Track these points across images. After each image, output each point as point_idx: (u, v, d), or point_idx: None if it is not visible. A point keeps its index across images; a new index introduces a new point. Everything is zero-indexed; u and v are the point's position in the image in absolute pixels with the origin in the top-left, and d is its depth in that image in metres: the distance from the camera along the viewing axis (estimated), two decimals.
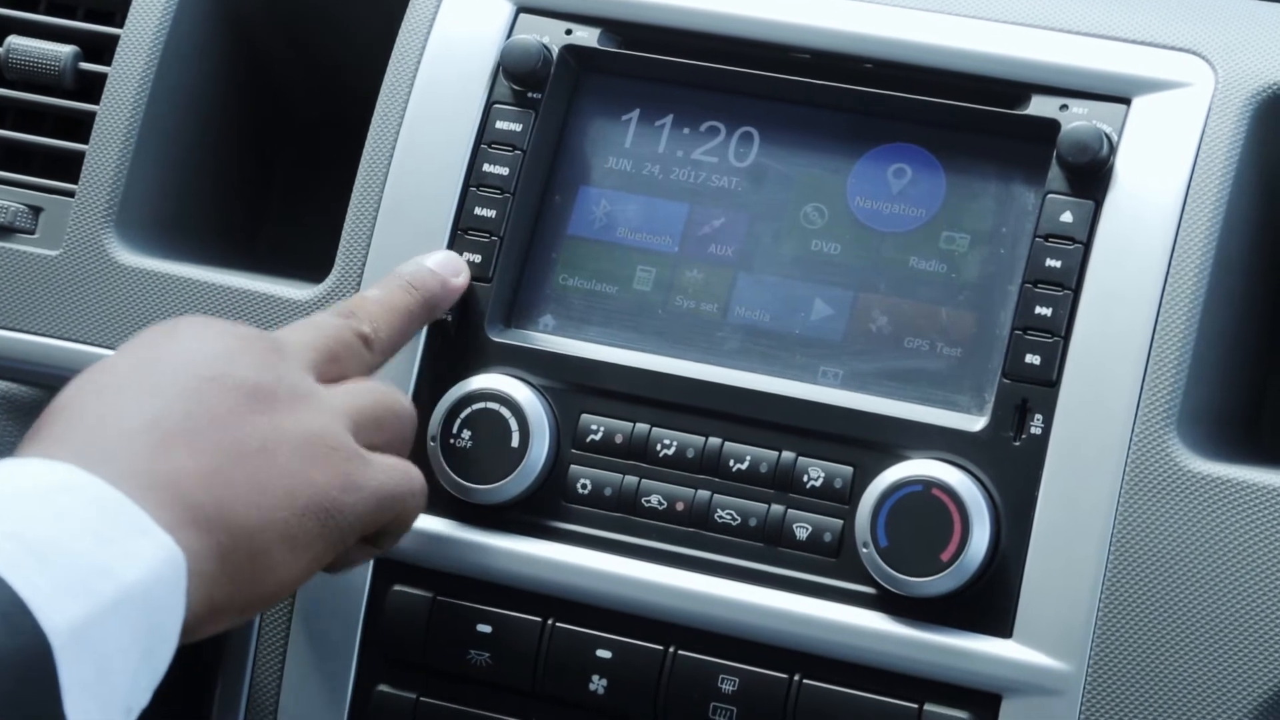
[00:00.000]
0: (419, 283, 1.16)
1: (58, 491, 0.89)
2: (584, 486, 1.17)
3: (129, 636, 0.87)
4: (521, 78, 1.22)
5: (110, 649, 0.86)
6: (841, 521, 1.13)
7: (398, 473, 1.06)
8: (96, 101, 1.31)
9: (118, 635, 0.86)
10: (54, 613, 0.83)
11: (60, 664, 0.83)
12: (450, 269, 1.18)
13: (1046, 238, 1.13)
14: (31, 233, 1.31)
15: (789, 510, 1.14)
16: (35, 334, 1.29)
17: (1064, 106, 1.15)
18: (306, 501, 0.98)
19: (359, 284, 1.23)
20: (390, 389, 1.10)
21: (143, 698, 0.90)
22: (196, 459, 0.94)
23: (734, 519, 1.15)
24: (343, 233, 1.24)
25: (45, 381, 1.29)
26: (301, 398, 1.01)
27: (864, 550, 1.11)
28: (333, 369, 1.06)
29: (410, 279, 1.16)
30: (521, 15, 1.25)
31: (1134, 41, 1.17)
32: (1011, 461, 1.11)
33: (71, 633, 0.84)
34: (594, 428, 1.17)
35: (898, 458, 1.13)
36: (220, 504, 0.94)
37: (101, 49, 1.34)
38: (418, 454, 1.16)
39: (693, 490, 1.16)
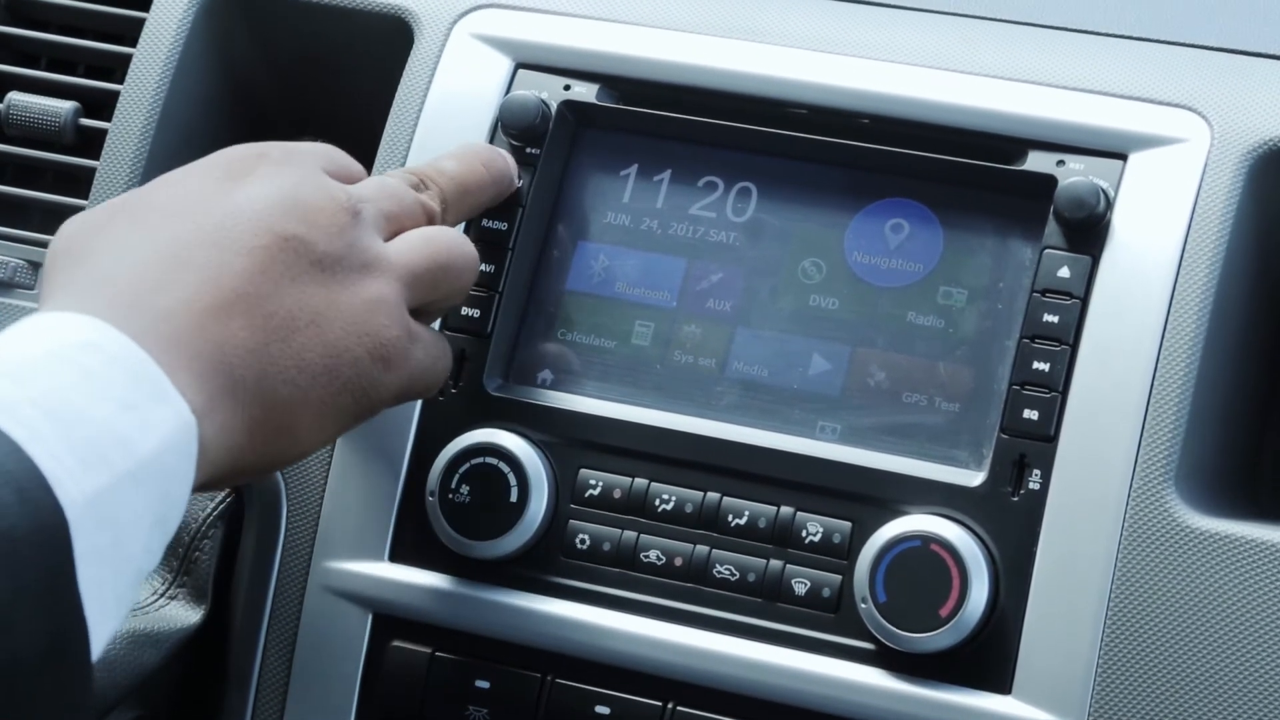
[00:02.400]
0: (492, 165, 1.17)
1: (81, 350, 0.88)
2: (583, 542, 1.17)
3: (143, 504, 0.88)
4: (520, 133, 1.22)
5: (124, 518, 0.86)
6: (840, 577, 1.13)
7: (434, 350, 1.08)
8: (97, 157, 1.32)
9: (132, 504, 0.87)
10: (72, 486, 0.83)
11: (75, 535, 0.83)
12: (515, 164, 1.20)
13: (1044, 293, 1.13)
14: (31, 288, 1.32)
15: (788, 565, 1.14)
16: None
17: (1061, 162, 1.16)
18: (345, 380, 1.00)
19: None
20: (455, 236, 1.10)
21: (153, 560, 0.90)
22: (248, 330, 0.94)
23: (733, 574, 1.15)
24: None
25: None
26: (366, 265, 1.01)
27: (863, 606, 1.11)
28: (395, 232, 1.07)
29: (487, 158, 1.17)
30: (520, 71, 1.25)
31: (1130, 97, 1.17)
32: (1010, 517, 1.11)
33: (87, 505, 0.84)
34: (593, 483, 1.17)
35: (896, 513, 1.13)
36: (261, 379, 0.95)
37: (102, 104, 1.34)
38: (416, 505, 1.16)
39: (691, 545, 1.16)
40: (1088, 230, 1.13)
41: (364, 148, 1.27)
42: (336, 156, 1.08)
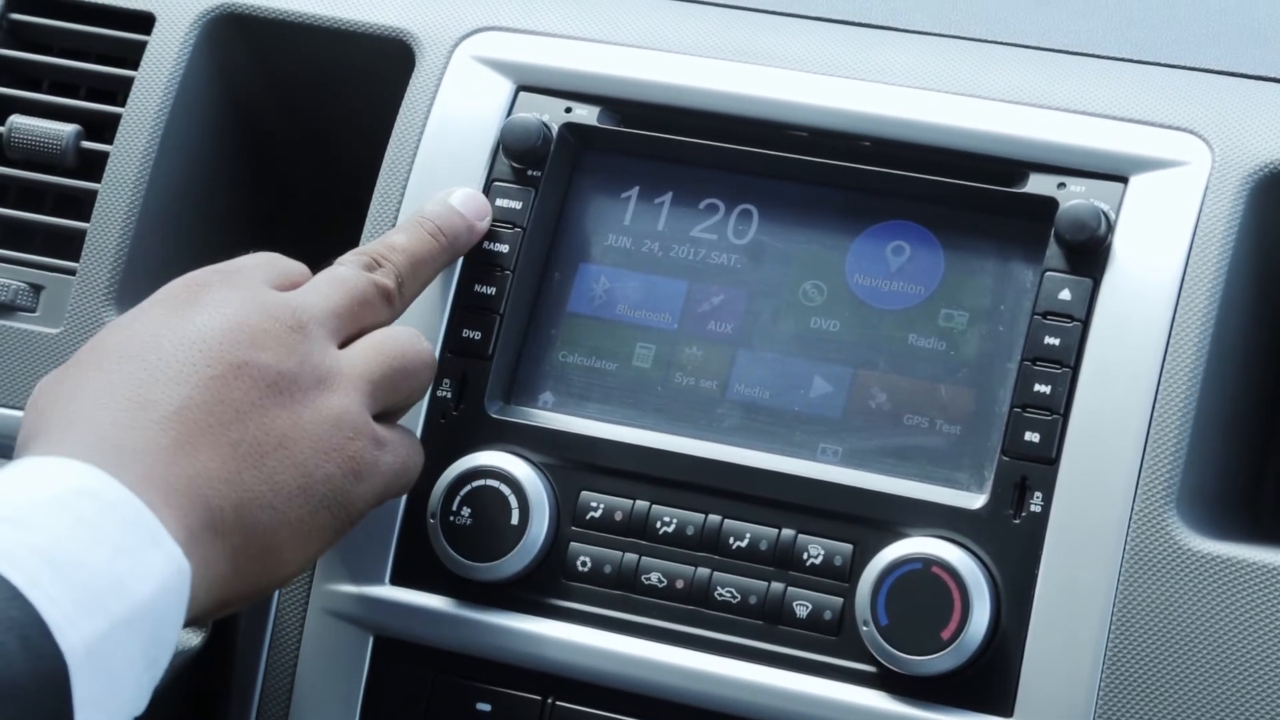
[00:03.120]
0: (446, 227, 1.17)
1: (78, 496, 0.90)
2: (584, 564, 1.17)
3: (137, 648, 0.89)
4: (521, 155, 1.22)
5: (120, 664, 0.88)
6: (842, 599, 1.13)
7: (403, 451, 1.08)
8: (98, 180, 1.32)
9: (127, 649, 0.88)
10: (71, 632, 0.85)
11: (75, 683, 0.85)
12: (475, 210, 1.19)
13: (1045, 315, 1.13)
14: (33, 311, 1.32)
15: (789, 588, 1.14)
16: None
17: (1062, 185, 1.16)
18: (321, 497, 1.01)
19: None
20: (408, 338, 1.10)
21: (142, 704, 0.92)
22: (218, 460, 0.95)
23: (734, 597, 1.15)
24: None
25: None
26: (322, 379, 1.02)
27: (864, 628, 1.11)
28: (352, 327, 1.07)
29: (438, 222, 1.16)
30: (521, 94, 1.25)
31: (1131, 120, 1.17)
32: (1011, 539, 1.11)
33: (87, 652, 0.86)
34: (594, 505, 1.17)
35: (897, 535, 1.13)
36: (238, 507, 0.96)
37: (103, 127, 1.34)
38: (418, 528, 1.16)
39: (693, 568, 1.15)
40: (1089, 253, 1.14)
41: (365, 169, 1.28)
42: (280, 265, 1.09)
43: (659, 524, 1.16)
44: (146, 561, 0.90)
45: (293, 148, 1.42)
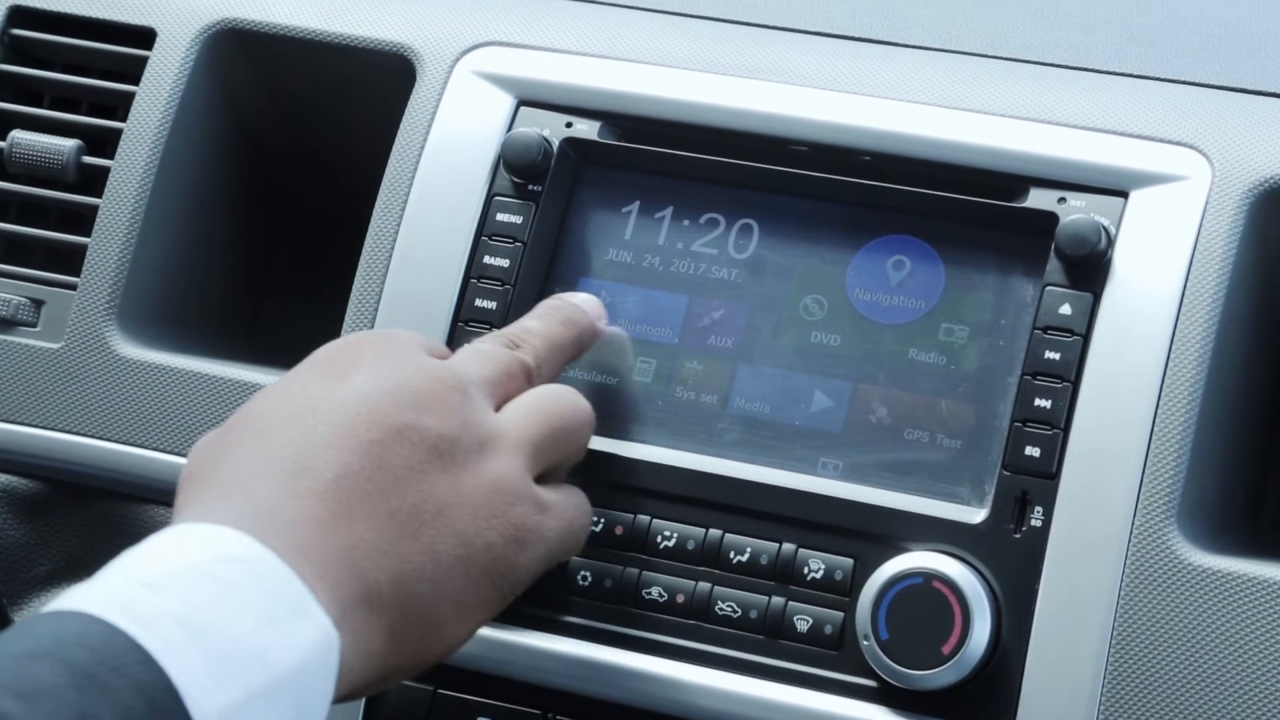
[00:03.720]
0: (575, 320, 1.15)
1: (225, 563, 0.86)
2: (584, 578, 1.17)
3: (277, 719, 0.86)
4: (522, 170, 1.22)
5: None
6: (842, 614, 1.13)
7: (569, 514, 1.05)
8: (99, 195, 1.32)
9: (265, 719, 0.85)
10: (205, 701, 0.82)
11: None
12: (596, 310, 1.18)
13: (1045, 330, 1.13)
14: (33, 325, 1.32)
15: (789, 602, 1.14)
16: (37, 427, 1.29)
17: (1062, 199, 1.16)
18: (482, 568, 0.97)
19: None
20: (566, 396, 1.08)
21: None
22: (376, 529, 0.92)
23: (735, 611, 1.15)
24: (344, 325, 1.24)
25: (46, 475, 1.29)
26: (483, 442, 0.99)
27: (865, 643, 1.11)
28: (501, 398, 1.05)
29: (568, 315, 1.15)
30: (522, 108, 1.26)
31: (1131, 135, 1.17)
32: (1012, 554, 1.11)
33: (220, 717, 0.82)
34: (594, 519, 1.17)
35: (898, 550, 1.13)
36: (396, 580, 0.92)
37: (105, 142, 1.34)
38: None
39: (693, 582, 1.15)
40: (1089, 267, 1.14)
41: (366, 184, 1.28)
42: (426, 338, 1.07)
43: (660, 538, 1.16)
44: (292, 632, 0.86)
45: (293, 162, 1.42)
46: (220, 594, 0.85)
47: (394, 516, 0.93)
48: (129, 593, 0.84)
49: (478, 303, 1.21)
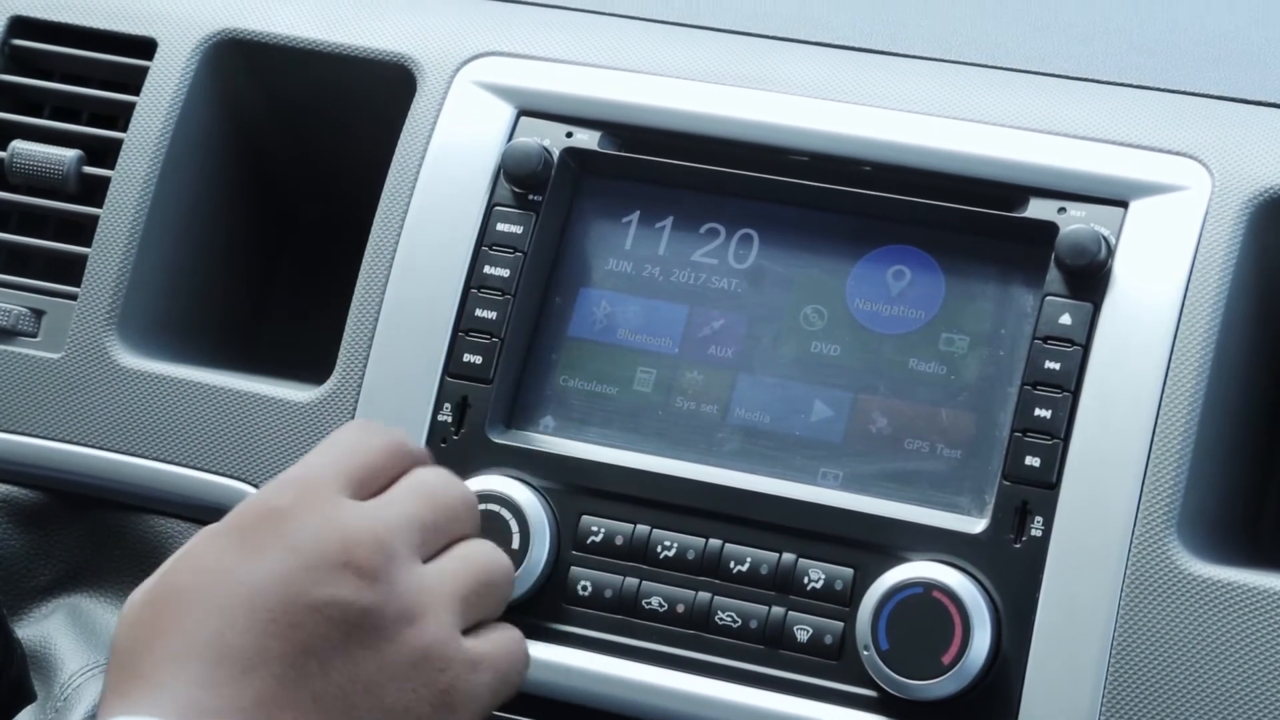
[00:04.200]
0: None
1: None
2: (584, 588, 1.17)
3: None
4: (522, 180, 1.22)
5: None
6: (842, 624, 1.13)
7: (502, 664, 0.97)
8: (100, 205, 1.32)
9: None
10: None
11: None
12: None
13: (1045, 340, 1.13)
14: (34, 335, 1.32)
15: (790, 612, 1.14)
16: (37, 437, 1.29)
17: (1062, 209, 1.16)
18: None
19: (360, 386, 1.23)
20: (489, 550, 0.99)
21: None
22: (302, 716, 0.87)
23: (735, 621, 1.15)
24: (344, 334, 1.24)
25: (47, 485, 1.29)
26: (408, 609, 0.91)
27: (865, 653, 1.11)
28: (439, 541, 0.96)
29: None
30: (522, 118, 1.26)
31: (1131, 145, 1.17)
32: (1012, 564, 1.11)
33: None
34: (594, 529, 1.17)
35: (898, 559, 1.12)
36: None
37: (105, 152, 1.34)
38: None
39: (693, 592, 1.15)
40: (1089, 277, 1.14)
41: (366, 193, 1.28)
42: (360, 458, 0.96)
43: (660, 548, 1.16)
44: None
45: (294, 172, 1.42)
46: None
47: (319, 701, 0.88)
48: None
49: (478, 312, 1.21)
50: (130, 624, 0.90)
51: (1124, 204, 1.16)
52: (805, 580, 1.14)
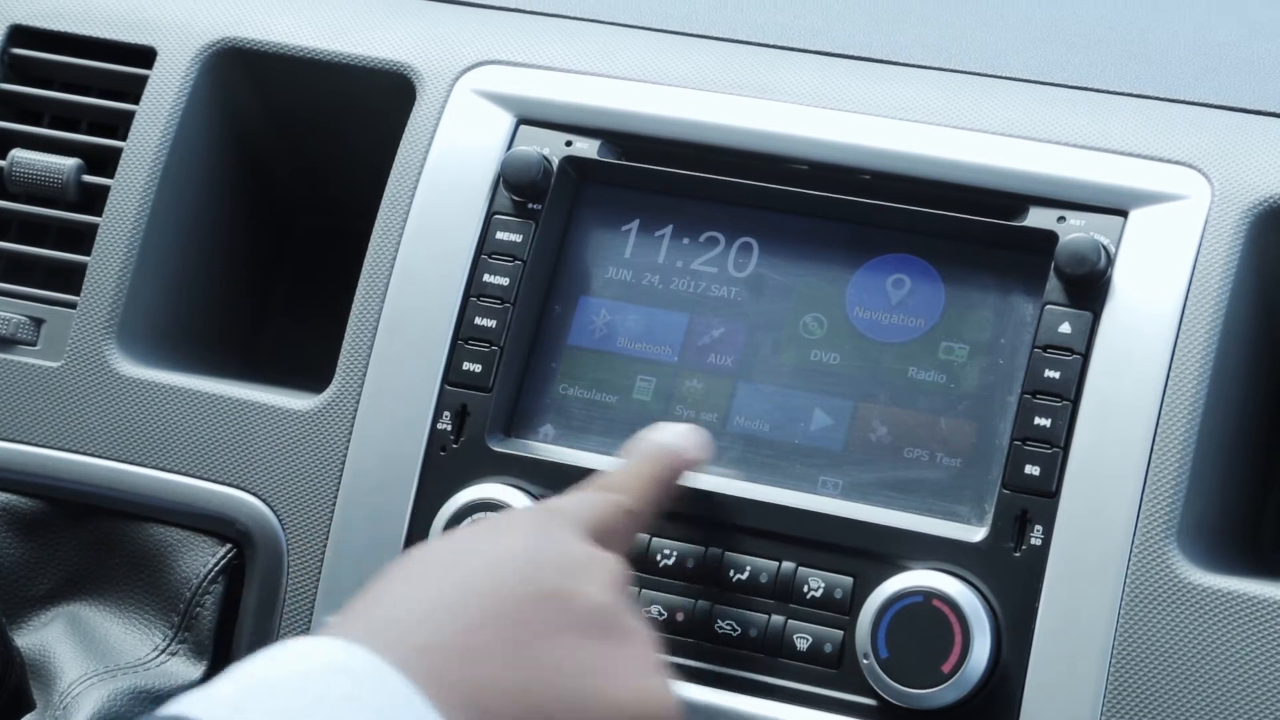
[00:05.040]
0: (665, 458, 1.10)
1: (336, 674, 0.81)
2: None
3: None
4: (522, 188, 1.22)
5: None
6: (842, 632, 1.13)
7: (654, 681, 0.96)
8: (99, 213, 1.32)
9: None
10: None
11: None
12: (690, 441, 1.12)
13: (1045, 348, 1.13)
14: (33, 344, 1.32)
15: (789, 621, 1.14)
16: (36, 445, 1.29)
17: (1062, 218, 1.16)
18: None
19: (359, 394, 1.23)
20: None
21: None
22: (510, 672, 0.86)
23: (734, 629, 1.14)
24: (344, 343, 1.24)
25: (46, 493, 1.29)
26: (638, 629, 0.93)
27: (864, 661, 1.11)
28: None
29: (658, 460, 1.09)
30: (522, 127, 1.26)
31: (1131, 154, 1.18)
32: (1012, 572, 1.11)
33: None
34: None
35: (898, 568, 1.12)
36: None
37: (105, 161, 1.34)
38: None
39: (693, 600, 1.15)
40: (1089, 286, 1.14)
41: (366, 202, 1.28)
42: (598, 512, 1.01)
43: (659, 556, 1.16)
44: None
45: (293, 180, 1.42)
46: (334, 702, 0.80)
47: (529, 663, 0.88)
48: (238, 698, 0.82)
49: (477, 321, 1.21)
50: (381, 576, 0.91)
51: (1124, 213, 1.16)
52: (805, 589, 1.14)
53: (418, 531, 1.18)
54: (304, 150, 1.40)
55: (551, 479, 1.18)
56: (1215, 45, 1.31)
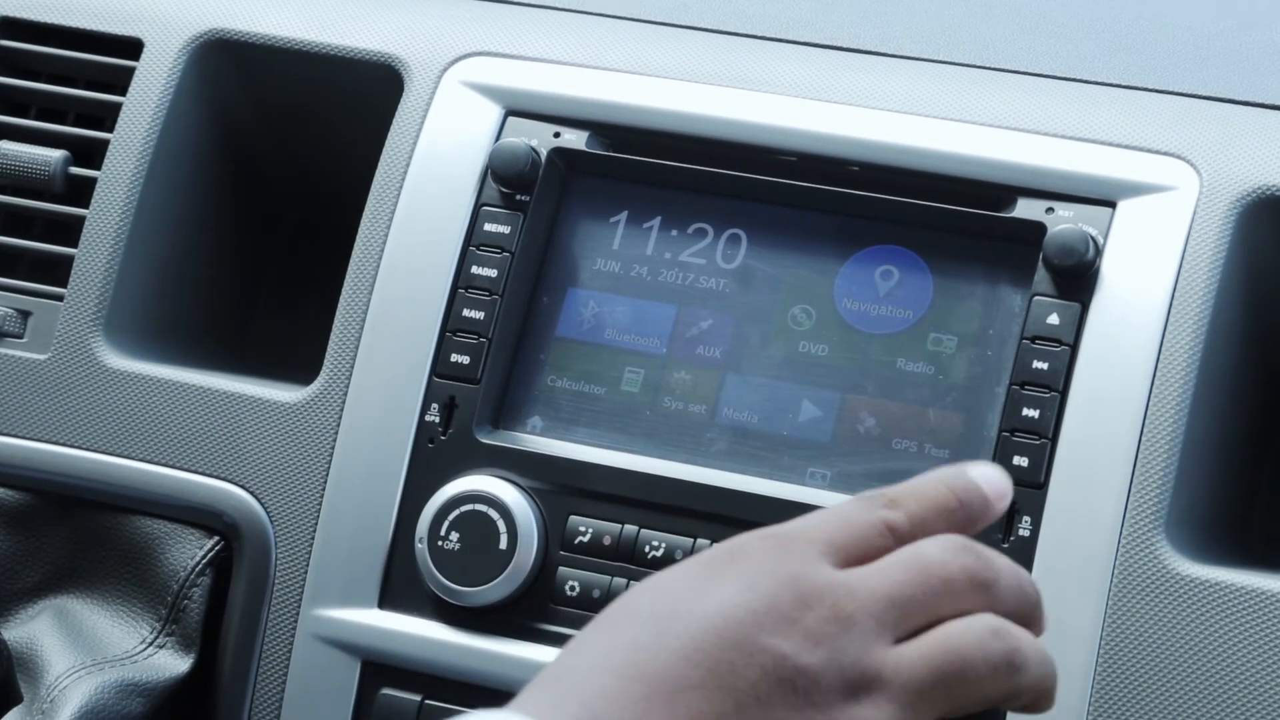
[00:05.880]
0: (963, 493, 0.93)
1: None
2: (572, 589, 1.17)
3: None
4: (510, 180, 1.22)
5: None
6: None
7: None
8: (86, 205, 1.32)
9: None
10: None
11: None
12: (996, 489, 0.93)
13: (1033, 340, 1.13)
14: (20, 337, 1.31)
15: None
16: (24, 438, 1.28)
17: (1050, 209, 1.16)
18: None
19: (347, 386, 1.23)
20: (975, 637, 0.84)
21: None
22: None
23: None
24: (331, 335, 1.24)
25: (33, 486, 1.29)
26: (853, 685, 0.81)
27: None
28: (923, 618, 0.84)
29: (956, 488, 0.93)
30: (510, 118, 1.26)
31: (1119, 145, 1.17)
32: None
33: None
34: (582, 529, 1.17)
35: None
36: None
37: (92, 153, 1.34)
38: (406, 553, 1.15)
39: None
40: (1077, 277, 1.14)
41: (354, 194, 1.28)
42: (851, 528, 0.86)
43: (648, 548, 1.16)
44: None
45: (281, 172, 1.42)
46: None
47: None
48: None
49: (465, 313, 1.21)
50: (582, 632, 0.84)
51: (1112, 204, 1.16)
52: None
53: (405, 523, 1.18)
54: (291, 142, 1.40)
55: (539, 470, 1.18)
56: (1204, 36, 1.31)
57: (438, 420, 1.20)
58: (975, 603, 0.85)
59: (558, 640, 1.16)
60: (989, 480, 0.92)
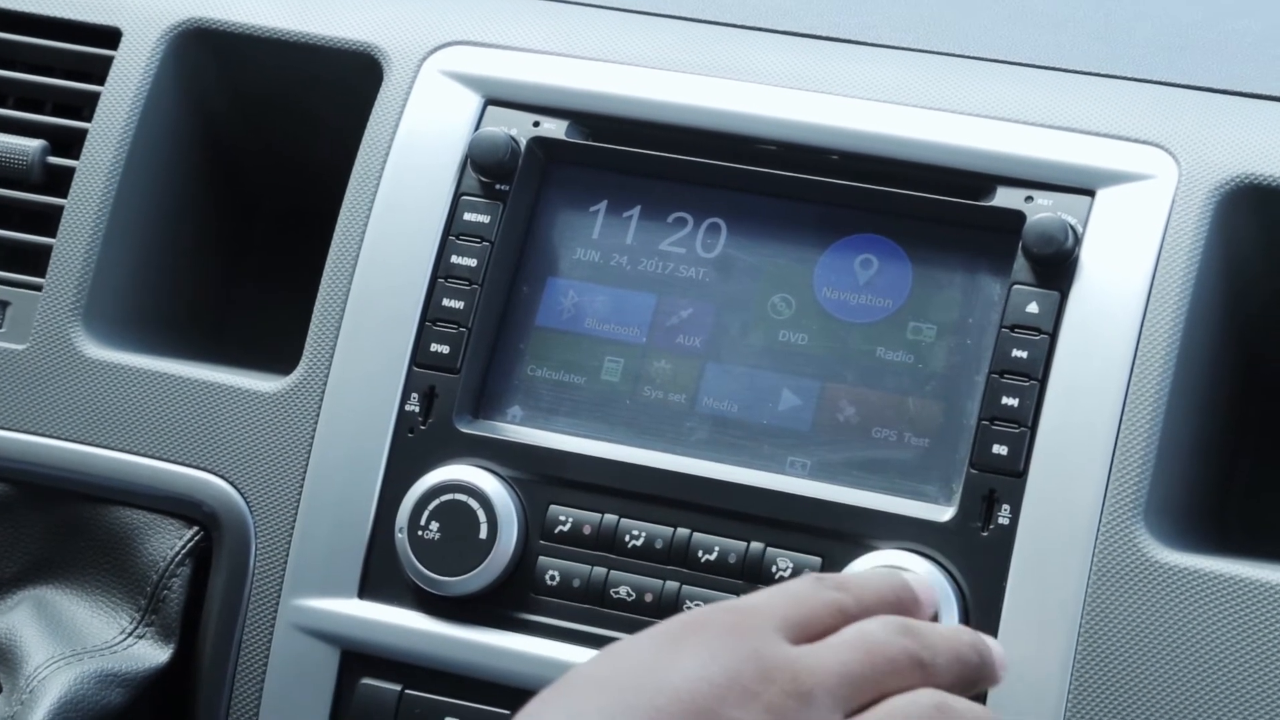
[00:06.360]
0: (902, 589, 0.98)
1: None
2: (553, 578, 1.17)
3: None
4: (489, 169, 1.22)
5: None
6: None
7: None
8: (64, 195, 1.31)
9: None
10: None
11: None
12: (927, 593, 1.00)
13: (1012, 328, 1.14)
14: None
15: None
16: (2, 428, 1.28)
17: (1029, 198, 1.16)
18: None
19: (326, 376, 1.22)
20: (929, 707, 0.88)
21: None
22: None
23: None
24: (310, 325, 1.24)
25: (12, 476, 1.29)
26: None
27: None
28: (871, 694, 0.88)
29: (894, 583, 0.98)
30: (489, 107, 1.25)
31: (1098, 134, 1.18)
32: (979, 552, 1.11)
33: None
34: (562, 519, 1.17)
35: (866, 548, 1.13)
36: None
37: (70, 143, 1.34)
38: (386, 542, 1.15)
39: (661, 581, 1.15)
40: (1056, 266, 1.14)
41: (333, 183, 1.27)
42: (806, 607, 0.91)
43: (628, 537, 1.16)
44: None
45: (260, 161, 1.42)
46: None
47: None
48: None
49: (445, 302, 1.21)
50: (542, 696, 0.87)
51: (1091, 193, 1.16)
52: (773, 569, 1.14)
53: (385, 513, 1.18)
54: (271, 131, 1.40)
55: (519, 460, 1.18)
56: (1182, 25, 1.31)
57: (418, 410, 1.20)
58: (916, 679, 0.89)
59: (538, 630, 1.16)
60: (921, 582, 1.01)
